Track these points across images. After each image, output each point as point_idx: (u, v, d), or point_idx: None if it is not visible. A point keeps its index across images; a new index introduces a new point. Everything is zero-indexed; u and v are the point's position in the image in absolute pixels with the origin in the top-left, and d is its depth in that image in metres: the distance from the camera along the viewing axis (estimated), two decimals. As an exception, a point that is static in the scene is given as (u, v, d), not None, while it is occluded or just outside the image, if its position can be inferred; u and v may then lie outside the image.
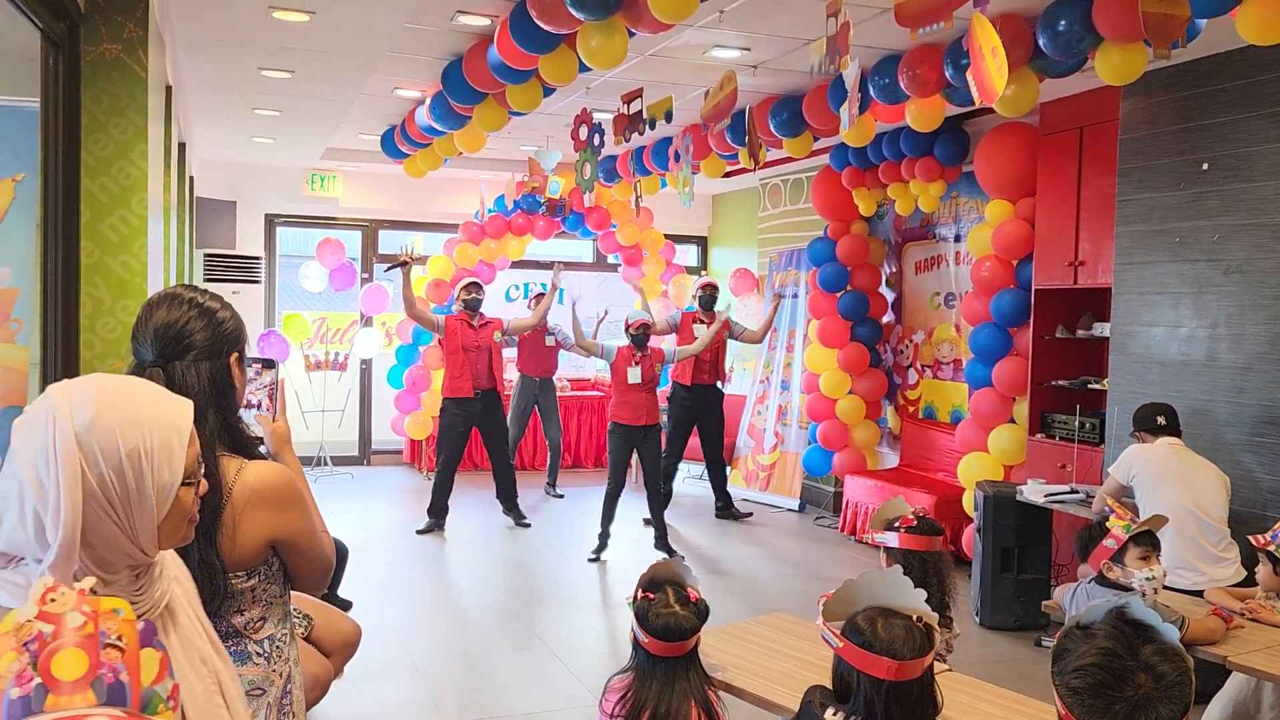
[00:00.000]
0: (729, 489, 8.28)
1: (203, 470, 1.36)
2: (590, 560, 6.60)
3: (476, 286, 7.44)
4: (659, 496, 6.87)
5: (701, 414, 7.88)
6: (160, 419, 1.24)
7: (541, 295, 8.48)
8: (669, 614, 2.47)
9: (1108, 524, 3.27)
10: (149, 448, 1.21)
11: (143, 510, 1.21)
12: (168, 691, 0.93)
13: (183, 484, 1.27)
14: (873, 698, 1.94)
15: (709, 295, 7.94)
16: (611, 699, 2.52)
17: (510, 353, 8.59)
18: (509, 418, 8.53)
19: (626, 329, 6.82)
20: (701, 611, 2.51)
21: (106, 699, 0.86)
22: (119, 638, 0.89)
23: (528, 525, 7.51)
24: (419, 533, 7.26)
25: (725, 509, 8.10)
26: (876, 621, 1.96)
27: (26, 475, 1.14)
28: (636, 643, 2.51)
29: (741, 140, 5.95)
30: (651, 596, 2.51)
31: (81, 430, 1.16)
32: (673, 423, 7.85)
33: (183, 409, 1.28)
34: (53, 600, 0.87)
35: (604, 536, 6.70)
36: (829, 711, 2.00)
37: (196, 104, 6.74)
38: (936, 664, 2.86)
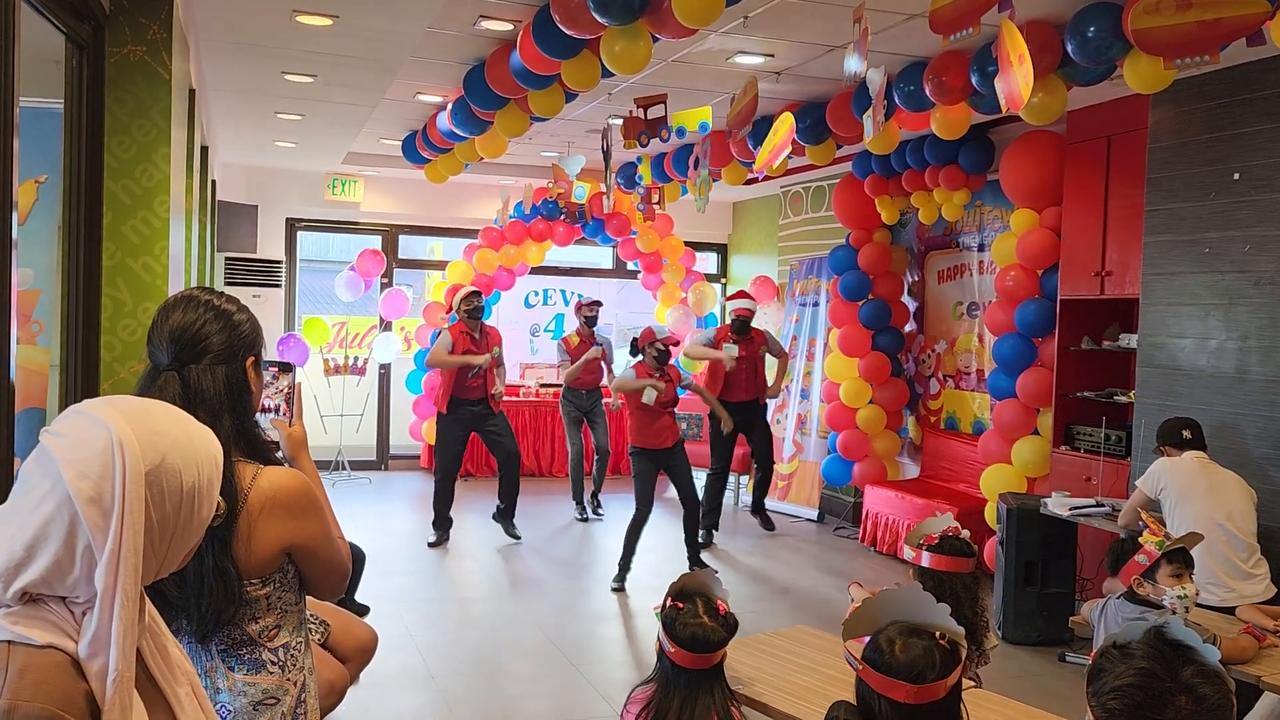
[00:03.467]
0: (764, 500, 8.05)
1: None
2: (614, 590, 6.20)
3: (477, 295, 7.22)
4: (696, 515, 6.52)
5: (744, 427, 7.46)
6: (209, 455, 1.22)
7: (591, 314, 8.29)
8: (697, 625, 2.43)
9: (1140, 539, 3.20)
10: (202, 484, 1.19)
11: (185, 543, 1.19)
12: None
13: None
14: None
15: (740, 320, 7.48)
16: (634, 709, 2.48)
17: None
18: (567, 434, 8.40)
19: (642, 347, 6.43)
20: (730, 625, 2.47)
21: None
22: None
23: (518, 539, 7.22)
24: (431, 545, 7.10)
25: (757, 511, 7.91)
26: (895, 643, 1.91)
27: (86, 512, 1.08)
28: (662, 652, 2.47)
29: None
30: (680, 606, 2.47)
31: (152, 469, 1.13)
32: (714, 435, 7.55)
33: (215, 440, 1.26)
34: None
35: (626, 569, 6.26)
36: None
37: (219, 107, 6.77)
38: (966, 682, 2.82)
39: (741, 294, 7.87)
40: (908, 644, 1.90)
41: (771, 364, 7.93)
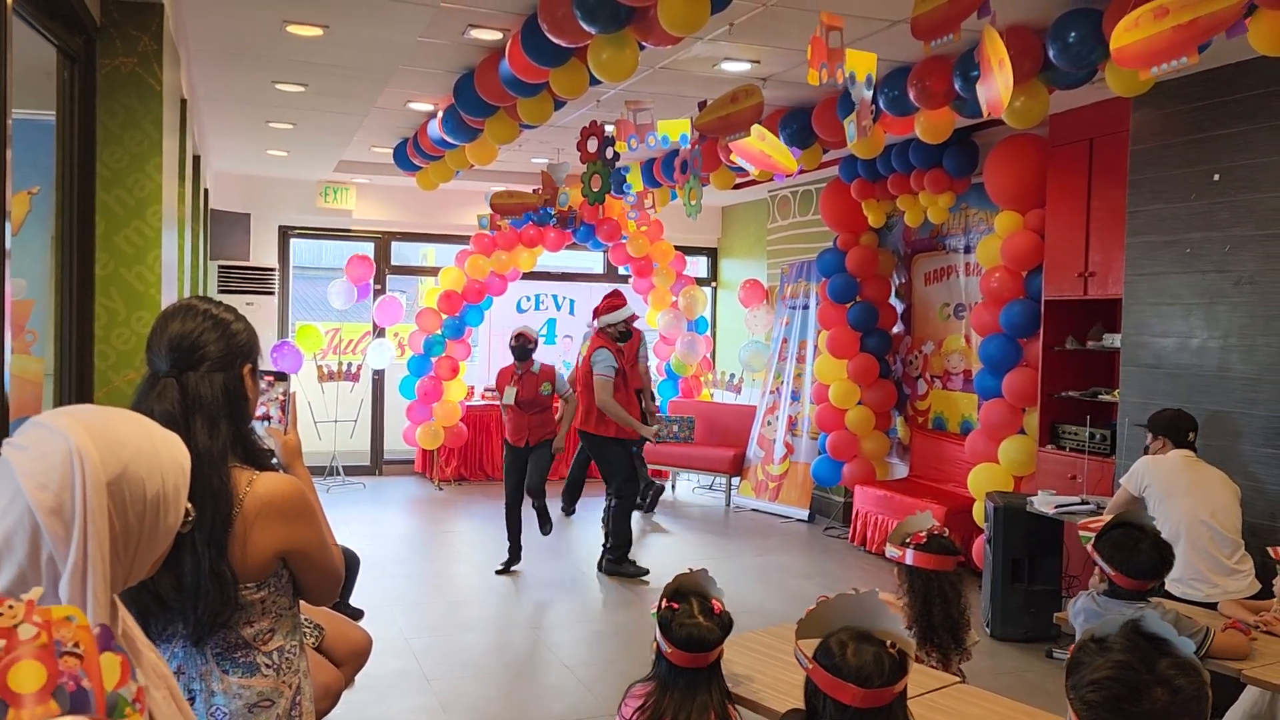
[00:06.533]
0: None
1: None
2: (497, 573, 6.50)
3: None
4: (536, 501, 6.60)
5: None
6: (174, 462, 1.22)
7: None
8: (692, 625, 2.46)
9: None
10: (168, 491, 1.19)
11: (151, 551, 1.20)
12: (132, 694, 0.91)
13: None
14: None
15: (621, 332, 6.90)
16: (631, 704, 2.51)
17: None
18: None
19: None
20: (725, 623, 2.50)
21: (70, 708, 0.83)
22: (75, 644, 0.86)
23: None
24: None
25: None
26: (848, 646, 1.96)
27: (48, 523, 1.08)
28: (659, 653, 2.51)
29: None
30: (676, 606, 2.50)
31: (114, 479, 1.13)
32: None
33: (183, 447, 1.26)
34: (0, 615, 0.84)
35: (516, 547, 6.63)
36: None
37: (211, 117, 6.79)
38: (950, 678, 2.87)
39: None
40: (859, 649, 1.95)
41: (749, 360, 8.03)
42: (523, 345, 6.41)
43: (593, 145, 6.18)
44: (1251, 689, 3.47)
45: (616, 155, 6.11)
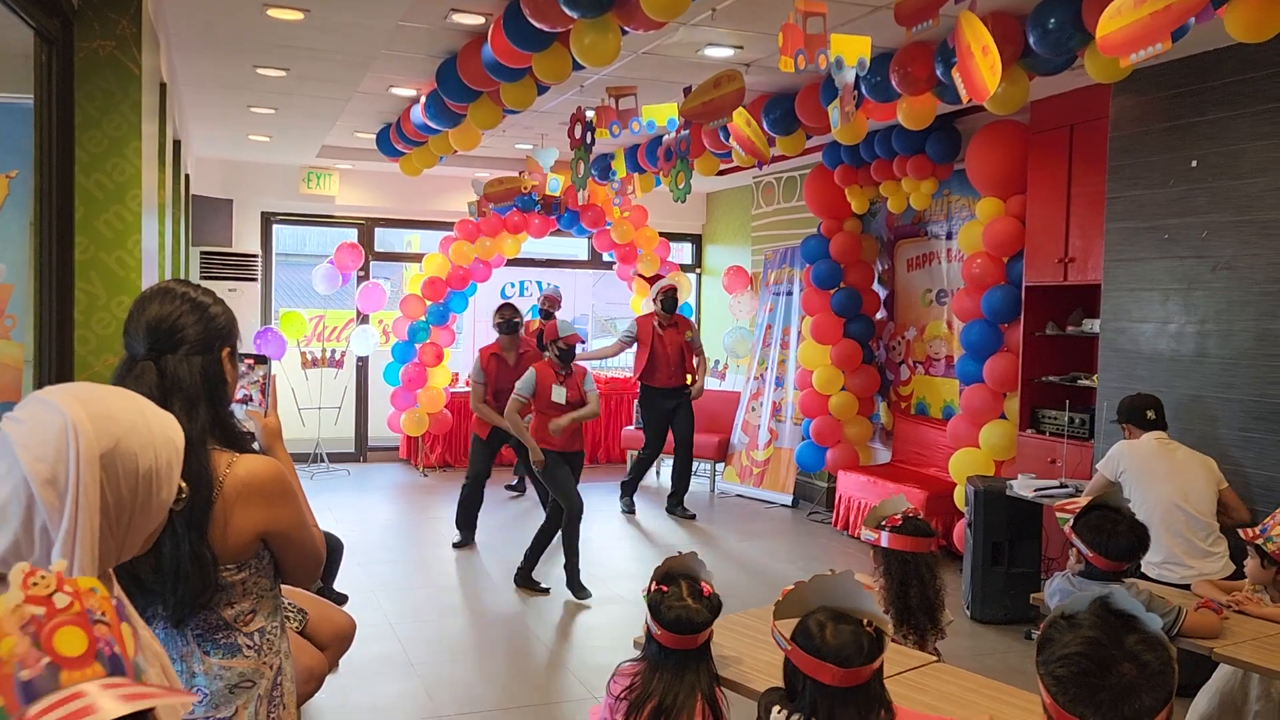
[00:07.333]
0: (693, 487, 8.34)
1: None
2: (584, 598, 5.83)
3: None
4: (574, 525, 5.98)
5: (668, 414, 8.00)
6: (167, 439, 1.25)
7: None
8: (681, 607, 2.49)
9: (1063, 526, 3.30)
10: (159, 467, 1.22)
11: (145, 525, 1.22)
12: (144, 664, 0.95)
13: None
14: (817, 700, 1.98)
15: (670, 298, 8.02)
16: (621, 682, 2.54)
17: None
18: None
19: (553, 342, 5.94)
20: (714, 605, 2.53)
21: (110, 671, 0.88)
22: (102, 614, 0.91)
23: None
24: (455, 546, 6.80)
25: (676, 505, 8.09)
26: (826, 627, 1.99)
27: (42, 493, 1.11)
28: (649, 634, 2.54)
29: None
30: (665, 589, 2.53)
31: (107, 452, 1.16)
32: (648, 423, 8.09)
33: (177, 426, 1.29)
34: (35, 584, 0.88)
35: (574, 569, 5.96)
36: (775, 710, 2.04)
37: (191, 102, 6.75)
38: (927, 657, 2.91)
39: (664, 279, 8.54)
40: (838, 629, 1.99)
41: (733, 347, 8.14)
42: (571, 347, 5.99)
43: (579, 131, 6.18)
44: (1223, 667, 3.52)
45: (594, 140, 6.10)
